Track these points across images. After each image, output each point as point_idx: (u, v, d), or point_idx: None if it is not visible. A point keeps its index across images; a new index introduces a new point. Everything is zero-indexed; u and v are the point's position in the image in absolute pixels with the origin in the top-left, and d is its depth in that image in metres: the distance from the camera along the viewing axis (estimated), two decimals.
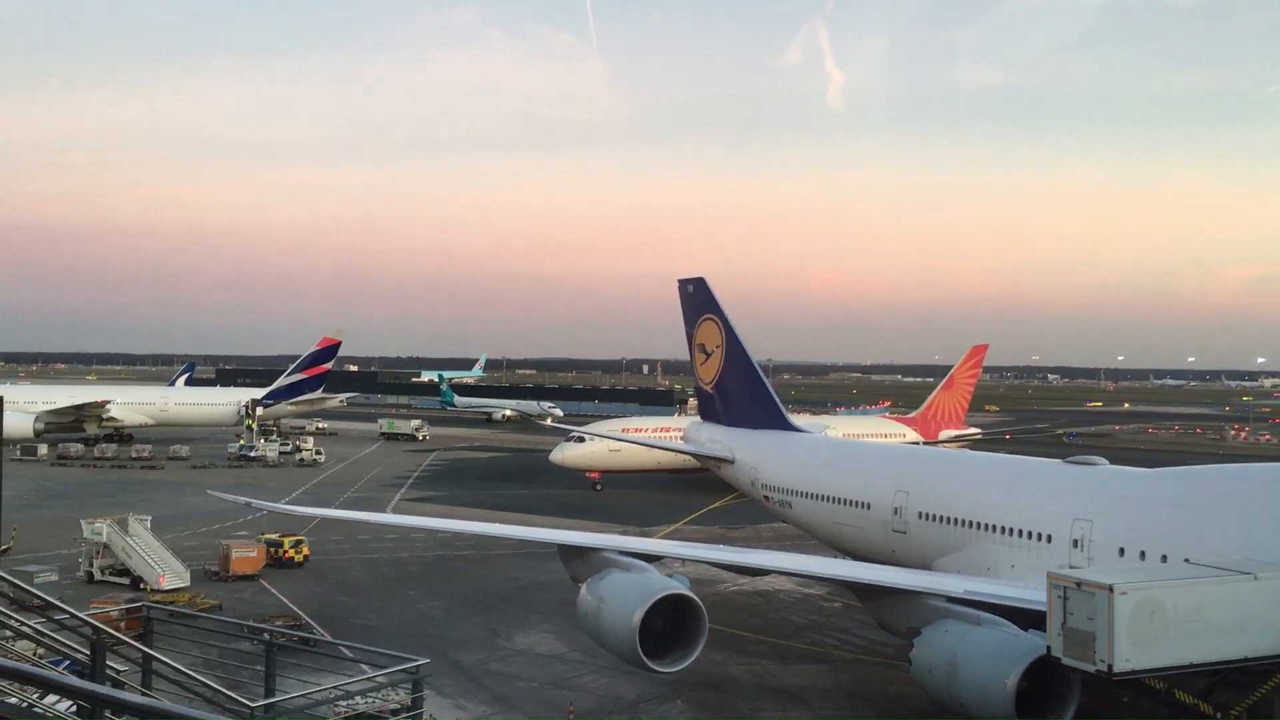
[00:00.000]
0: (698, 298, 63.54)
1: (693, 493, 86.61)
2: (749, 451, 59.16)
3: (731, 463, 60.37)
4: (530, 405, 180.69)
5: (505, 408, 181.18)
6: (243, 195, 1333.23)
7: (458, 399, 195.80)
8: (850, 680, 39.38)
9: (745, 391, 61.60)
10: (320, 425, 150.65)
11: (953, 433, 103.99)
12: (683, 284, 65.28)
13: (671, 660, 31.95)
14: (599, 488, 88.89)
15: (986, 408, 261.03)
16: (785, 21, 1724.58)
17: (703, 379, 64.72)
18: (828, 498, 49.95)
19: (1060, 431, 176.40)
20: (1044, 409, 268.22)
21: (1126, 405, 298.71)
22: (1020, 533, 37.66)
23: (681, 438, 72.99)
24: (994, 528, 38.85)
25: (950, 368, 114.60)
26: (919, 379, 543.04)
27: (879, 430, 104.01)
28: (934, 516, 42.31)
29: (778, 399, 62.94)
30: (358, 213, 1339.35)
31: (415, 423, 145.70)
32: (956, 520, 40.95)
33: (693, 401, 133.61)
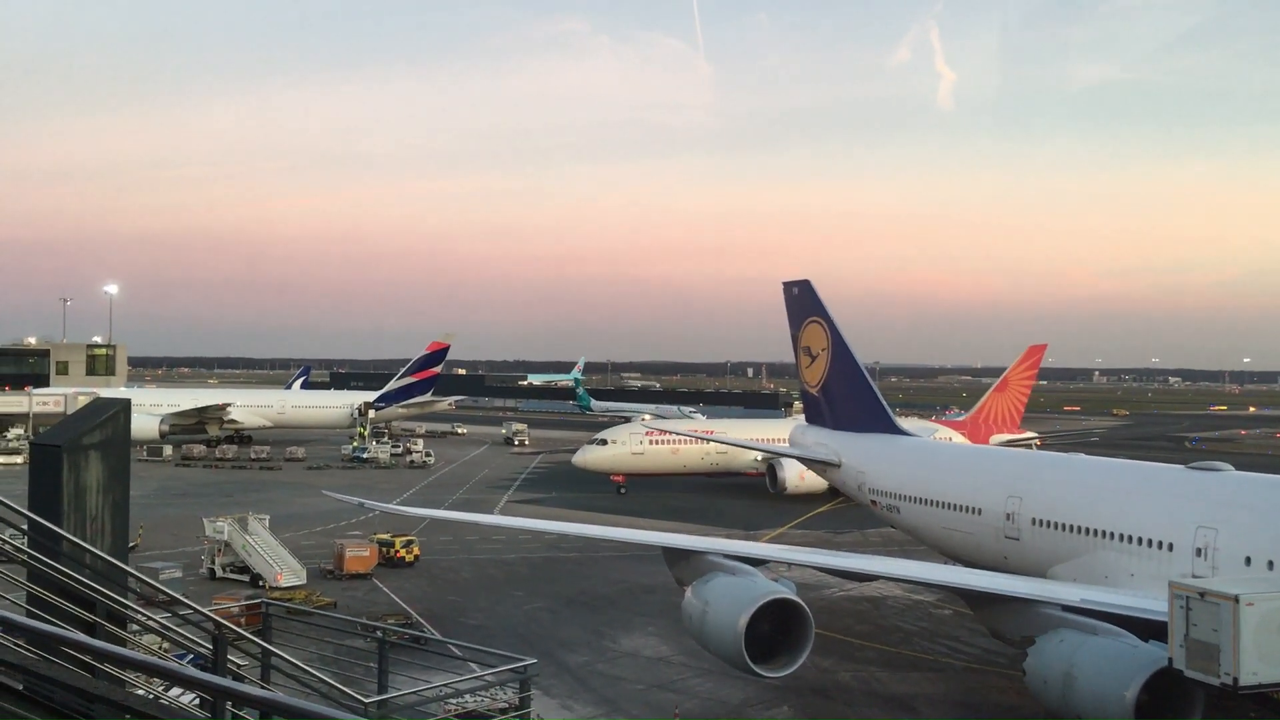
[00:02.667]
0: (803, 300, 62.99)
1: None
2: (855, 455, 58.40)
3: (838, 466, 59.68)
4: (670, 409, 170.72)
5: (644, 412, 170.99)
6: (355, 205, 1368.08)
7: (594, 403, 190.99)
8: (961, 689, 38.60)
9: (851, 394, 60.83)
10: (461, 430, 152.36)
11: (1006, 436, 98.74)
12: (788, 286, 64.78)
13: (777, 665, 31.73)
14: (623, 491, 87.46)
15: (1115, 411, 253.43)
16: (895, 21, 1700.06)
17: (808, 382, 64.11)
18: (937, 503, 49.01)
19: (1183, 436, 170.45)
20: (1165, 413, 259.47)
21: (1252, 409, 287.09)
22: (1140, 540, 36.41)
23: (787, 441, 72.38)
24: (1112, 535, 37.65)
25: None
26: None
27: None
28: (1049, 523, 41.18)
29: (885, 402, 62.02)
30: (467, 220, 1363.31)
31: (516, 426, 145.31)
32: (1072, 527, 39.79)
33: (798, 404, 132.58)
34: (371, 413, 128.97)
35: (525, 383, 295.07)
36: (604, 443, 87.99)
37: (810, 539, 68.75)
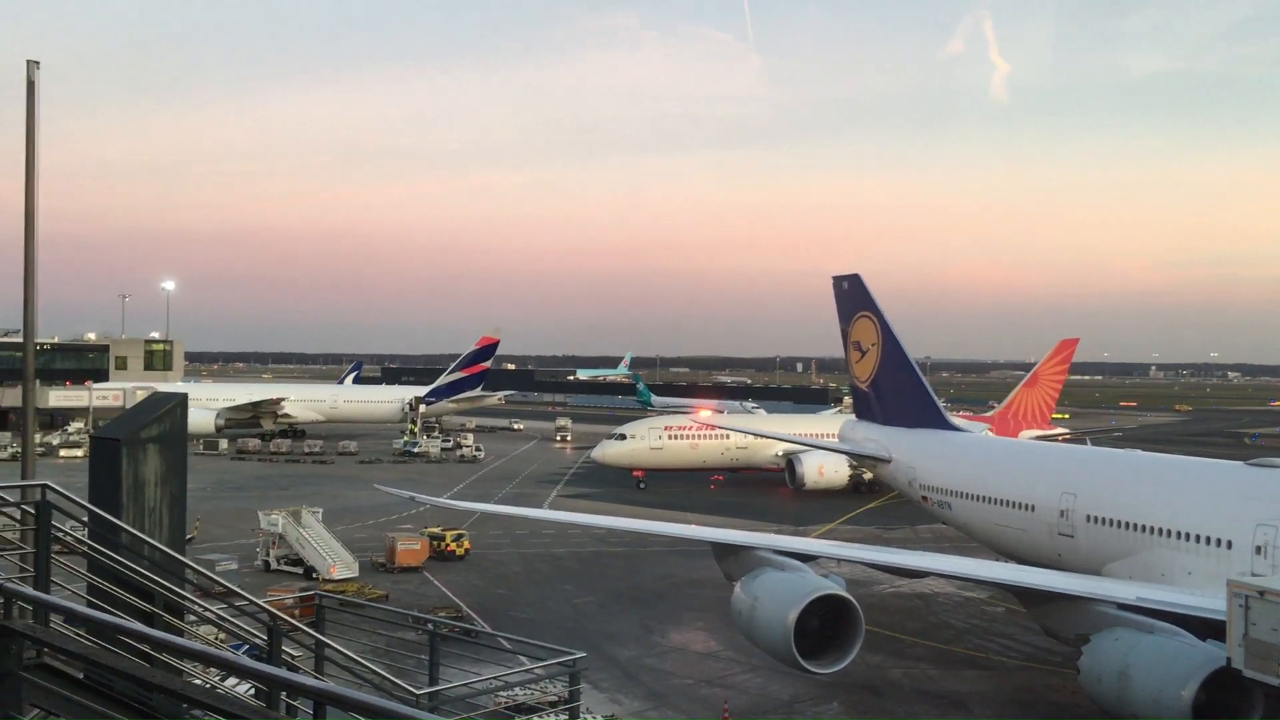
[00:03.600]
0: (853, 294, 62.56)
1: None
2: (906, 451, 57.94)
3: (888, 462, 59.24)
4: (733, 405, 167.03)
5: (705, 406, 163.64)
6: (406, 200, 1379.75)
7: (655, 398, 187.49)
8: (1014, 687, 38.18)
9: (902, 389, 60.33)
10: (518, 425, 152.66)
11: (1035, 432, 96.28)
12: (837, 280, 64.36)
13: (827, 661, 31.59)
14: (643, 486, 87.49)
15: (1176, 407, 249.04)
16: (947, 12, 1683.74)
17: (858, 377, 63.68)
18: (989, 499, 48.50)
19: (1242, 431, 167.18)
20: (1224, 408, 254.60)
21: None
22: (1198, 538, 35.78)
23: (836, 436, 71.96)
24: (1169, 532, 37.03)
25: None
26: (1085, 376, 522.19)
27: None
28: (1103, 519, 40.57)
29: (936, 397, 61.43)
30: (515, 214, 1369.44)
31: (560, 422, 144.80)
32: (1128, 524, 39.18)
33: (848, 400, 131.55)
34: (422, 407, 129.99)
35: (573, 378, 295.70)
36: (623, 438, 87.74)
37: (860, 535, 68.35)
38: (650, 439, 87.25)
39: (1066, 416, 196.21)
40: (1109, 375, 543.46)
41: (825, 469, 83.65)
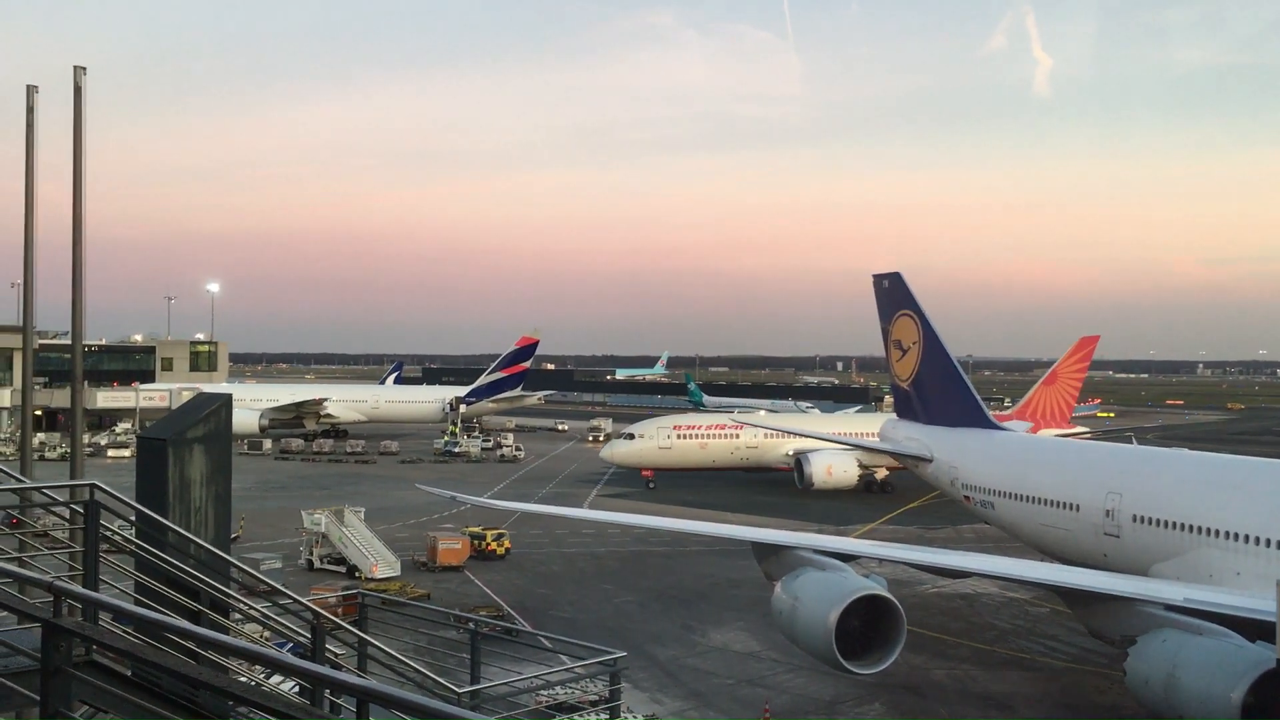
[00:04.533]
0: (893, 293, 62.17)
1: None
2: (948, 450, 57.49)
3: (930, 461, 58.82)
4: (786, 405, 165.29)
5: (759, 407, 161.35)
6: (446, 201, 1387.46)
7: (706, 398, 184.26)
8: (1059, 689, 37.78)
9: (943, 388, 59.87)
10: (562, 426, 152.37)
11: (1054, 432, 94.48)
12: (878, 279, 63.99)
13: (869, 662, 31.41)
14: (652, 486, 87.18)
15: (1230, 405, 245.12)
16: (989, 7, 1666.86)
17: (899, 376, 63.28)
18: (1033, 498, 48.00)
19: None
20: (1273, 406, 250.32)
21: None
22: (1247, 538, 35.20)
23: (878, 436, 71.55)
24: (1217, 532, 36.46)
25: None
26: (1131, 375, 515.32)
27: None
28: (1150, 519, 40.03)
29: (978, 396, 60.91)
30: (554, 215, 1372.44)
31: (594, 422, 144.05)
32: (1175, 524, 38.63)
33: (889, 399, 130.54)
34: (463, 408, 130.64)
35: (611, 377, 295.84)
36: (631, 437, 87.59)
37: (902, 535, 67.91)
38: (659, 438, 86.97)
39: (1112, 415, 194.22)
40: (1155, 373, 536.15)
41: (834, 469, 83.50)
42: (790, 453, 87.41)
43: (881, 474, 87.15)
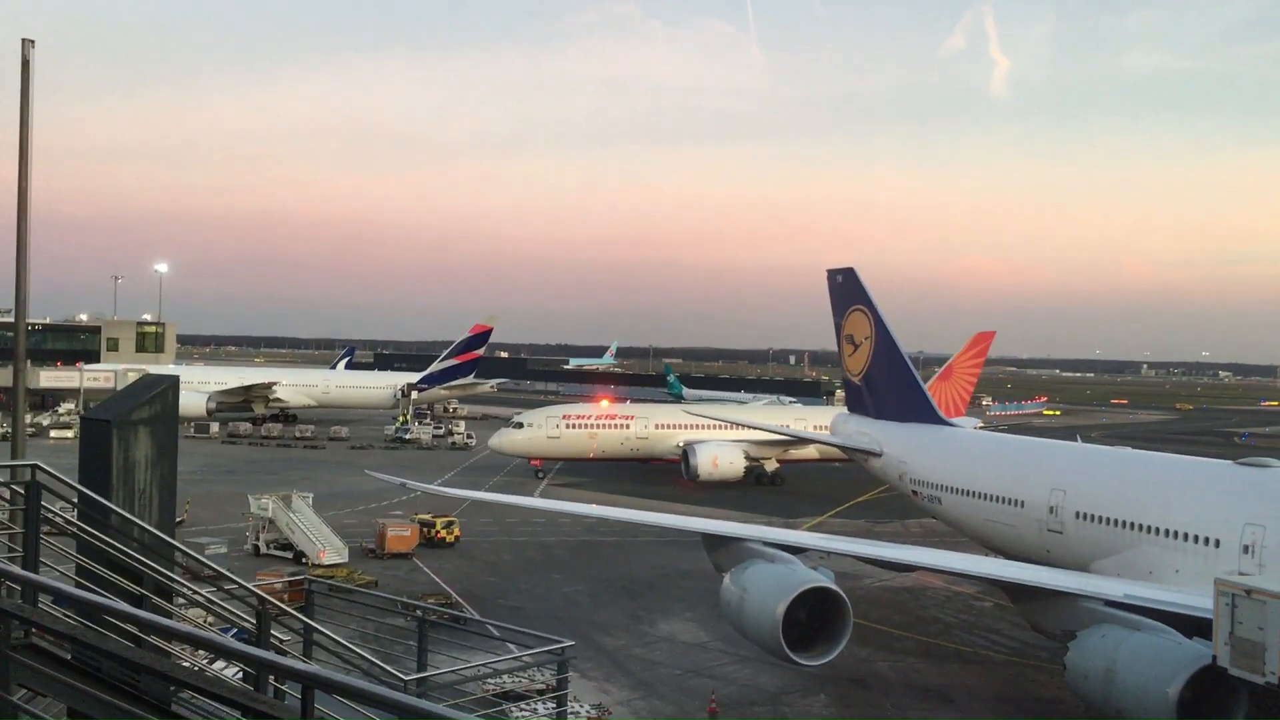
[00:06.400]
0: (847, 288, 62.60)
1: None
2: (897, 445, 58.05)
3: (879, 456, 59.34)
4: (767, 398, 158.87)
5: (739, 400, 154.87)
6: (404, 187, 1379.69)
7: (686, 390, 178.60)
8: (1000, 682, 38.35)
9: (894, 384, 60.42)
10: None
11: None
12: (832, 274, 64.40)
13: (815, 654, 31.68)
14: (540, 475, 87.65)
15: (1178, 405, 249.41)
16: (949, 7, 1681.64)
17: (850, 370, 63.76)
18: (979, 494, 48.63)
19: (1232, 431, 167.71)
20: (1215, 407, 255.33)
21: None
22: (1186, 536, 35.93)
23: (829, 429, 72.06)
24: (1157, 530, 37.18)
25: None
26: (1078, 374, 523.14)
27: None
28: (1092, 516, 40.74)
29: (928, 392, 61.53)
30: (511, 204, 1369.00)
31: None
32: (1116, 521, 39.34)
33: (840, 393, 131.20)
34: (414, 394, 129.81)
35: (567, 366, 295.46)
36: (520, 426, 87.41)
37: (850, 528, 68.42)
38: (548, 428, 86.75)
39: (1058, 414, 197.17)
40: (1100, 372, 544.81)
41: (720, 460, 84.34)
42: (679, 444, 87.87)
43: (771, 465, 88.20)
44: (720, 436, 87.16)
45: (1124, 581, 34.33)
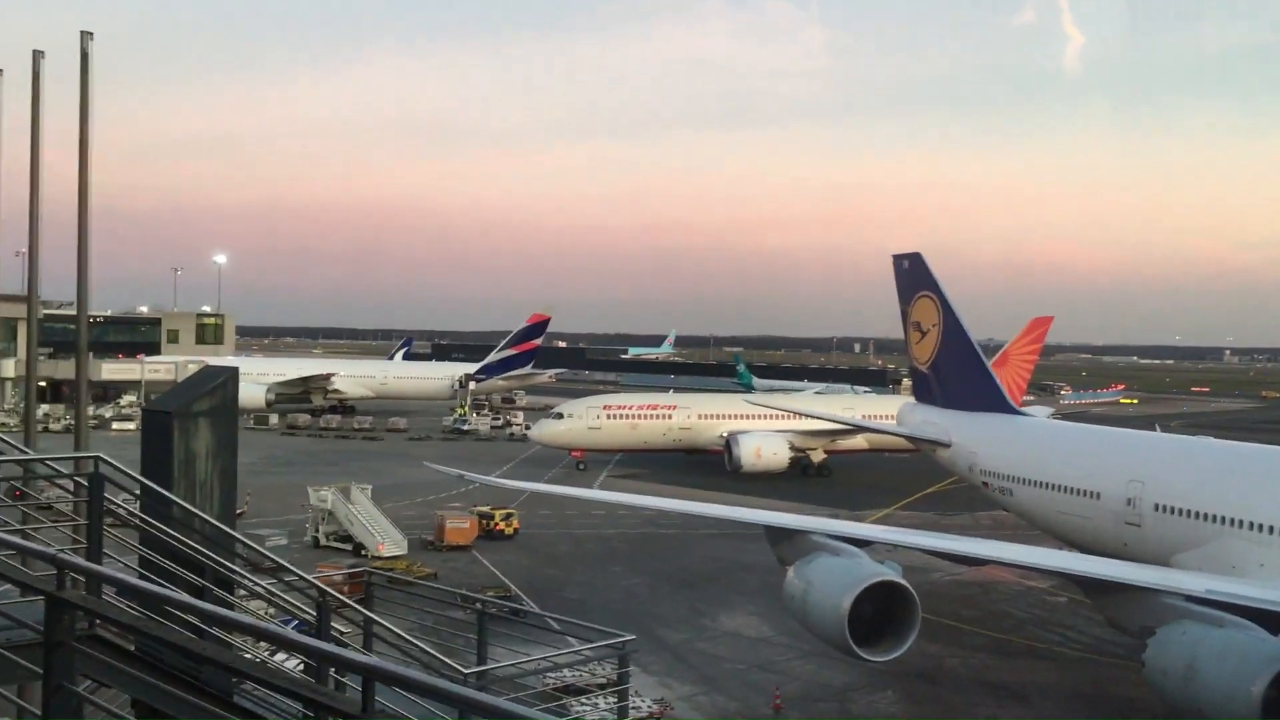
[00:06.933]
0: (914, 273, 61.92)
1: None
2: (967, 435, 57.35)
3: (948, 446, 58.66)
4: (841, 387, 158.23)
5: (811, 390, 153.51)
6: (460, 176, 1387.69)
7: (756, 380, 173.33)
8: (1075, 680, 37.83)
9: (963, 372, 59.68)
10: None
11: None
12: (898, 259, 63.73)
13: (882, 649, 31.46)
14: (582, 467, 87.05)
15: (1263, 394, 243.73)
16: None
17: (917, 358, 63.10)
18: (1052, 485, 47.89)
19: None
20: None
21: None
22: (1272, 529, 35.11)
23: (895, 419, 71.40)
24: (1242, 523, 36.36)
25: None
26: (1156, 361, 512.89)
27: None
28: (1172, 509, 39.94)
29: (998, 380, 60.71)
30: (569, 190, 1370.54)
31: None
32: (1198, 514, 38.54)
33: (907, 382, 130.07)
34: (472, 385, 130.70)
35: (625, 356, 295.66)
36: (560, 416, 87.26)
37: (918, 520, 67.89)
38: (588, 418, 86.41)
39: (1134, 402, 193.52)
40: (1180, 359, 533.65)
41: (763, 450, 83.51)
42: (723, 434, 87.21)
43: (818, 456, 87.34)
44: (765, 427, 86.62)
45: (1205, 576, 33.61)
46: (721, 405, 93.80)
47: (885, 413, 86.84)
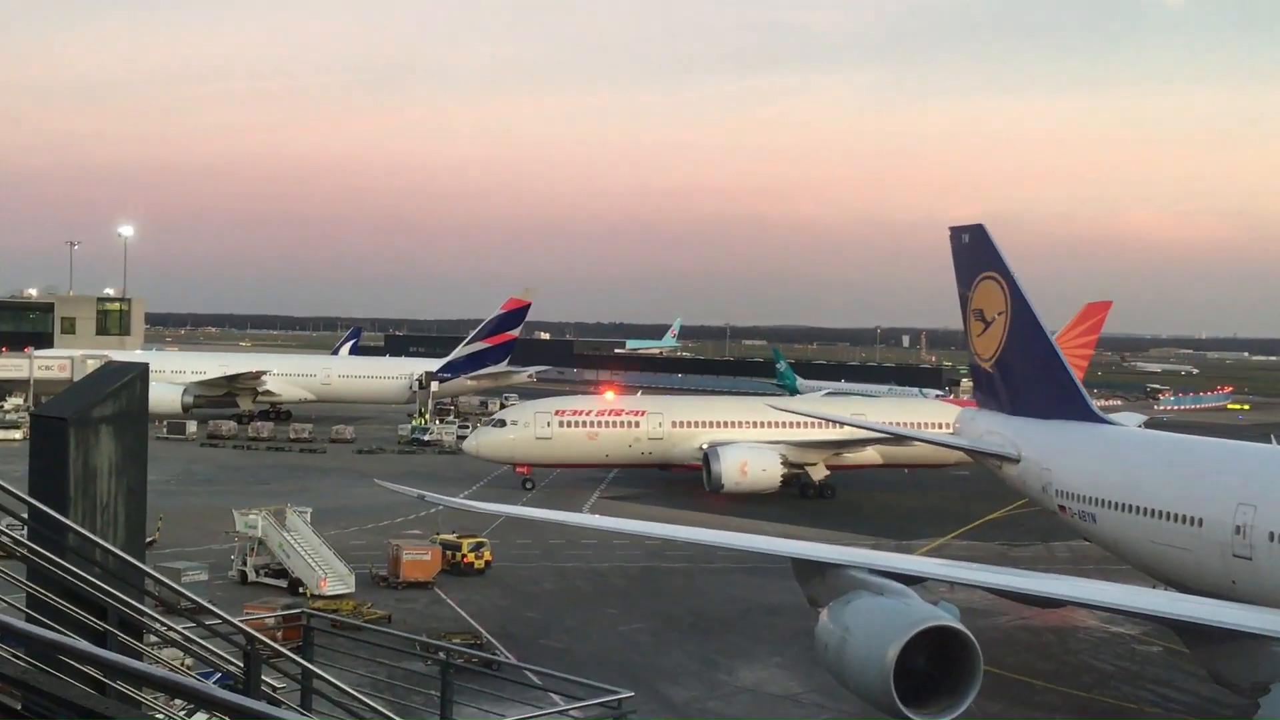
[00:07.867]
0: (975, 250, 61.92)
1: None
2: (1039, 448, 57.34)
3: (1016, 461, 58.63)
4: (908, 390, 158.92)
5: (872, 393, 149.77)
6: (417, 131, 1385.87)
7: (801, 381, 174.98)
8: None
9: (1035, 371, 59.70)
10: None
11: None
12: (956, 233, 63.76)
13: (935, 709, 31.47)
14: (529, 485, 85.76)
15: None
16: None
17: (980, 354, 63.14)
18: (1144, 510, 47.94)
19: None
20: None
21: None
22: None
23: (953, 428, 71.44)
24: None
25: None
26: (1273, 357, 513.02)
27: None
28: None
29: (1079, 382, 60.75)
30: (551, 148, 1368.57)
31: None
32: None
33: (966, 383, 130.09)
34: (434, 385, 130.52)
35: (621, 351, 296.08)
36: (502, 424, 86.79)
37: (979, 552, 67.94)
38: (537, 426, 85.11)
39: (1246, 407, 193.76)
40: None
41: (750, 466, 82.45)
42: (702, 446, 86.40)
43: (819, 473, 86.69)
44: (750, 437, 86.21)
45: None
46: (700, 411, 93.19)
47: (891, 418, 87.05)
